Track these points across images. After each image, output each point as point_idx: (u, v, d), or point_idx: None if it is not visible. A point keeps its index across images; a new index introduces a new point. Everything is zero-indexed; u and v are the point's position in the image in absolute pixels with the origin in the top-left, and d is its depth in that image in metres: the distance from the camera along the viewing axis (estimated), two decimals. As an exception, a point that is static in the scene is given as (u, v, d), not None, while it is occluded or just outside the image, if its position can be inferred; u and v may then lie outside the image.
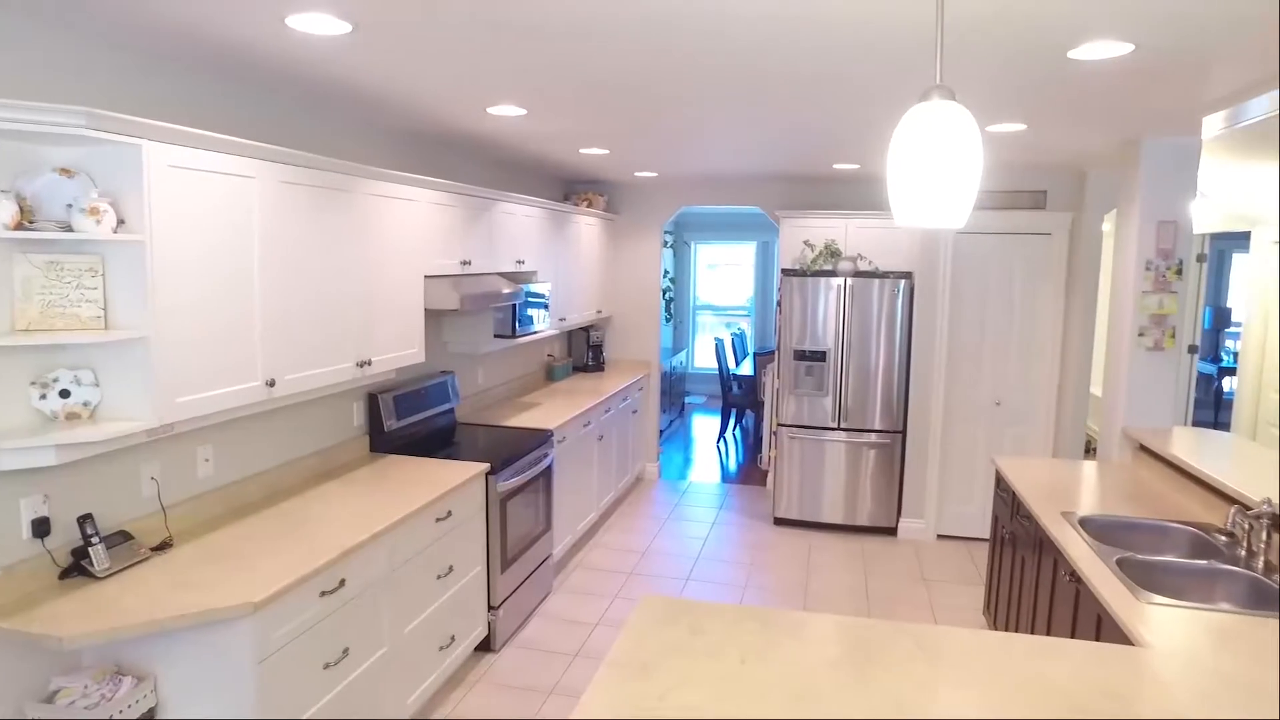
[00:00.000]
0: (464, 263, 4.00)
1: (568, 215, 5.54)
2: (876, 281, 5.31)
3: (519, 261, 4.69)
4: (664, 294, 8.70)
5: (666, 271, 9.82)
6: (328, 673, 2.53)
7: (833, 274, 5.39)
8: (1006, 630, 3.56)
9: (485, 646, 3.79)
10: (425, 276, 3.67)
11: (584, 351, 6.45)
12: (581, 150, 4.66)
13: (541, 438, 4.23)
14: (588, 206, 6.16)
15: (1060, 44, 2.31)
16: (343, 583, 2.58)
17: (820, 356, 5.45)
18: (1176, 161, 3.83)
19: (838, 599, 4.51)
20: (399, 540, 2.93)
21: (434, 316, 4.36)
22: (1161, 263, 3.89)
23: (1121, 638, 2.15)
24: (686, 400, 10.51)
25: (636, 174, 5.85)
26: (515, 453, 3.89)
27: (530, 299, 4.63)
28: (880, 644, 1.96)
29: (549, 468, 4.32)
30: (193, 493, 2.78)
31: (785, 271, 5.53)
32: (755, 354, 8.61)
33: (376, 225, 3.25)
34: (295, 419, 3.30)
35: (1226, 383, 8.34)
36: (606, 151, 4.70)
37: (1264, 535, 2.57)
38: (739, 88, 2.94)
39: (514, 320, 4.44)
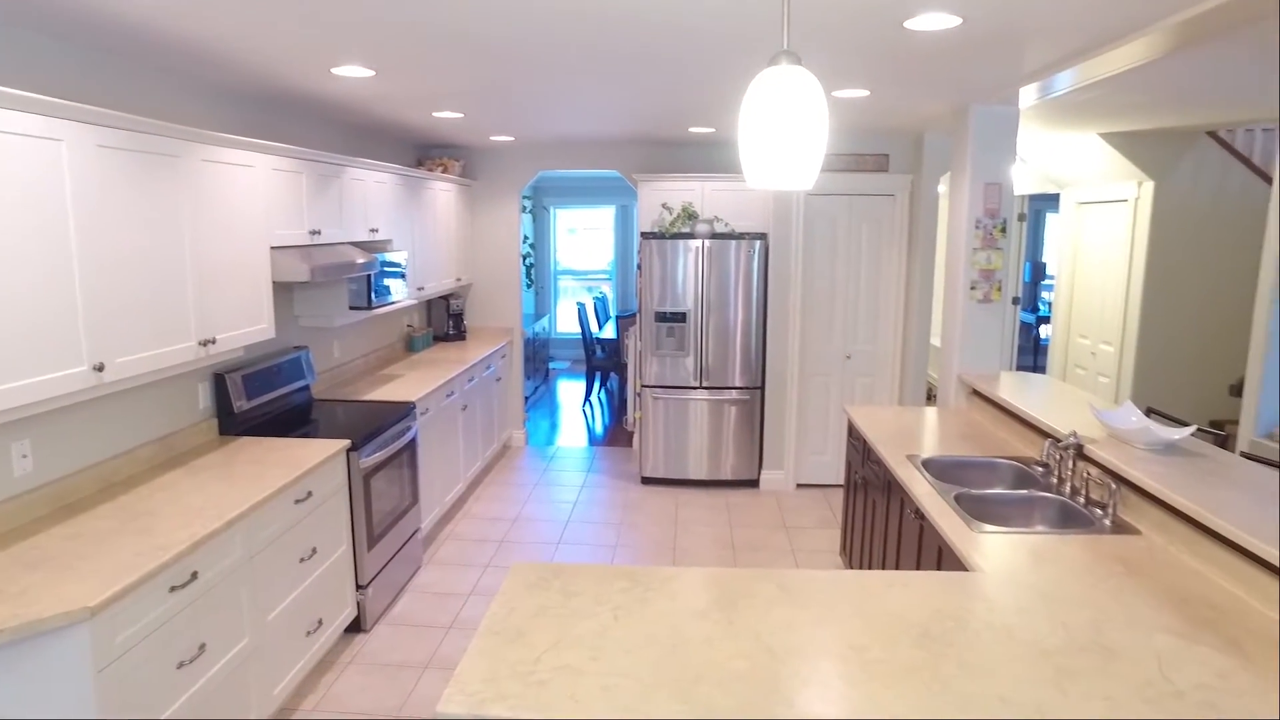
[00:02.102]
0: (313, 232, 3.80)
1: (423, 181, 5.36)
2: (733, 243, 5.47)
3: (373, 230, 4.51)
4: (524, 260, 8.60)
5: (526, 237, 9.70)
6: (182, 672, 2.40)
7: (691, 236, 5.50)
8: (861, 568, 3.82)
9: (356, 627, 3.70)
10: (271, 248, 3.46)
11: (445, 321, 6.30)
12: (435, 114, 4.50)
13: (403, 410, 4.12)
14: (443, 172, 5.98)
15: (897, 15, 2.44)
16: (195, 575, 2.44)
17: (681, 318, 5.57)
18: (1000, 128, 4.13)
19: (705, 551, 4.68)
20: (256, 526, 2.80)
21: (284, 290, 4.13)
22: (989, 221, 4.21)
23: (959, 565, 2.35)
24: (551, 366, 10.49)
25: (493, 138, 5.72)
26: (377, 427, 3.78)
27: (386, 268, 4.47)
28: (745, 591, 2.06)
29: (413, 441, 4.23)
30: (9, 493, 2.53)
31: (644, 235, 5.59)
32: (618, 317, 8.69)
33: (214, 194, 3.02)
34: (131, 405, 3.05)
35: (1043, 330, 9.19)
36: (461, 115, 4.56)
37: (1071, 464, 2.88)
38: (594, 51, 2.92)
39: (369, 291, 4.27)
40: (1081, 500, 2.78)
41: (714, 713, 1.55)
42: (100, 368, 2.45)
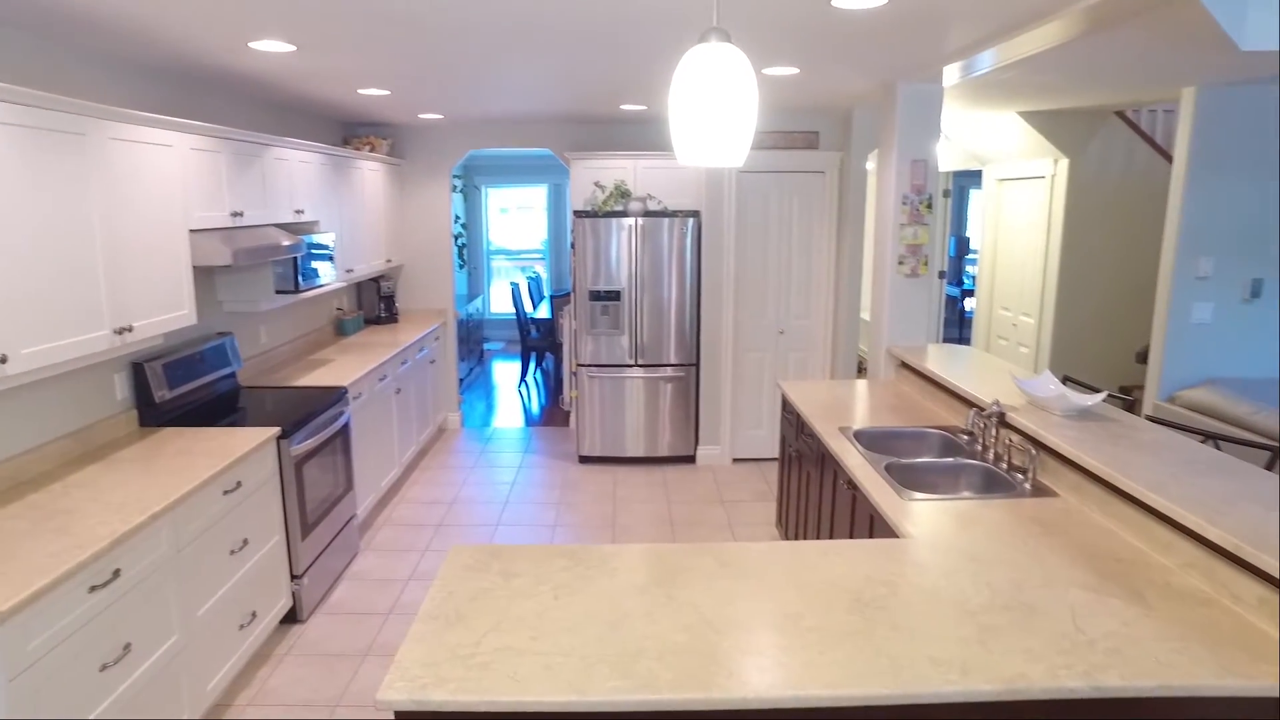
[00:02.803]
0: (235, 214, 3.67)
1: (349, 161, 5.21)
2: (666, 220, 5.48)
3: (298, 211, 4.37)
4: (456, 240, 8.47)
5: (458, 217, 9.54)
6: (106, 674, 2.31)
7: (624, 214, 5.49)
8: (797, 539, 3.91)
9: (292, 617, 3.63)
10: (191, 231, 3.32)
11: (375, 303, 6.17)
12: (360, 91, 4.37)
13: (335, 395, 4.03)
14: (371, 151, 5.82)
15: (821, -7, 2.46)
16: (117, 573, 2.36)
17: (615, 296, 5.57)
18: (925, 106, 4.23)
19: (644, 528, 4.72)
20: (182, 519, 2.71)
21: (205, 274, 3.98)
22: (915, 197, 4.31)
23: (890, 533, 2.43)
24: (485, 347, 10.38)
25: (421, 116, 5.59)
26: (308, 413, 3.69)
27: (313, 251, 4.34)
28: (684, 565, 2.10)
29: (346, 426, 4.14)
30: (-86, 490, 2.40)
31: (577, 213, 5.56)
32: (552, 296, 8.65)
33: (126, 174, 2.88)
34: (41, 398, 2.91)
35: (968, 303, 9.48)
36: (387, 92, 4.44)
37: (994, 432, 2.99)
38: (524, 27, 2.88)
39: (296, 274, 4.15)
40: (1004, 466, 2.90)
41: (656, 686, 1.58)
42: (3, 359, 2.33)
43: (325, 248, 4.53)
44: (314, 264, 4.37)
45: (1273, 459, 2.89)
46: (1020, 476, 2.78)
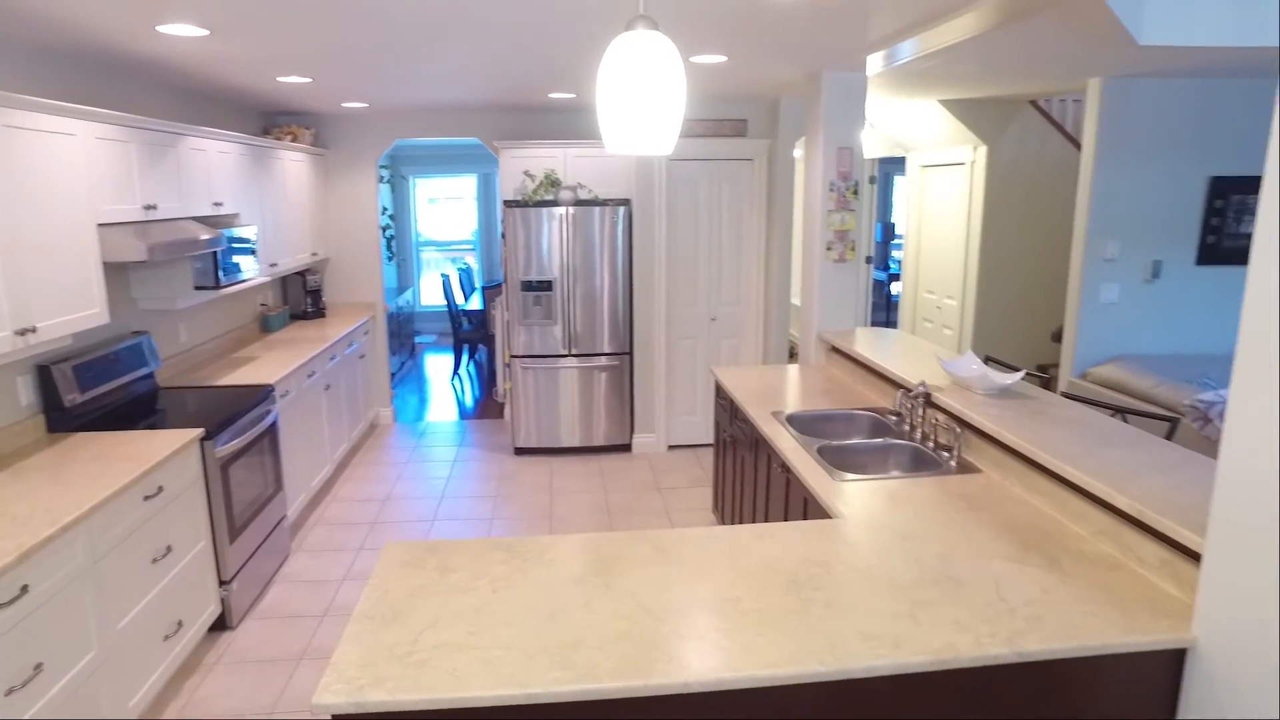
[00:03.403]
0: (148, 207, 3.51)
1: (270, 151, 5.04)
2: (597, 209, 5.47)
3: (217, 204, 4.21)
4: (384, 231, 8.29)
5: (385, 208, 9.32)
6: (13, 698, 2.19)
7: (554, 204, 5.45)
8: (733, 523, 3.97)
9: (221, 624, 3.52)
10: (99, 225, 3.17)
11: (302, 298, 6.00)
12: (280, 79, 4.23)
13: (262, 394, 3.91)
14: (293, 141, 5.64)
15: (746, -18, 2.48)
16: (25, 589, 2.24)
17: (547, 286, 5.54)
18: (850, 94, 4.30)
19: (581, 518, 4.73)
20: (99, 528, 2.60)
21: (118, 271, 3.80)
22: (842, 184, 4.40)
23: (823, 513, 2.49)
24: (416, 340, 10.20)
25: (344, 105, 5.44)
26: (233, 413, 3.57)
27: (234, 245, 4.19)
28: (622, 554, 2.11)
29: (273, 425, 4.02)
30: None
31: (507, 203, 5.50)
32: (484, 288, 8.54)
33: (23, 166, 2.73)
34: (-62, 403, 2.75)
35: (894, 287, 9.73)
36: (309, 80, 4.31)
37: (921, 412, 3.09)
38: (447, 13, 2.83)
39: (217, 269, 4.01)
40: (931, 445, 3.00)
41: (596, 675, 1.58)
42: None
43: (247, 241, 4.38)
44: (235, 258, 4.22)
45: (1172, 429, 3.05)
46: (946, 454, 2.88)
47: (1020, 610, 1.82)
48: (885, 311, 10.03)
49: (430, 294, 10.70)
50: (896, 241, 10.38)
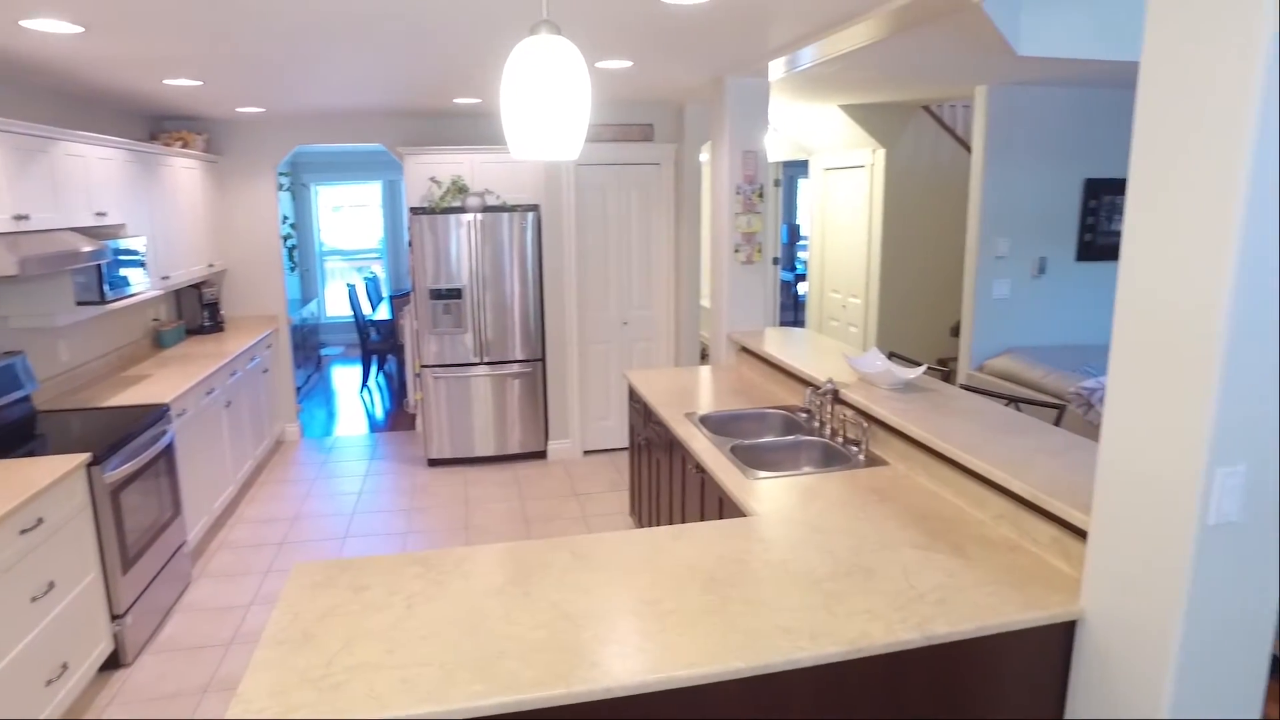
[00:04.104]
0: (19, 217, 3.28)
1: (159, 158, 4.79)
2: (505, 215, 5.42)
3: (100, 214, 3.97)
4: (285, 241, 8.00)
5: (286, 217, 9.00)
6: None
7: (462, 210, 5.38)
8: (651, 525, 3.99)
9: (114, 662, 3.31)
10: (-39, 238, 2.95)
11: (198, 311, 5.72)
12: (167, 81, 4.03)
13: (156, 414, 3.71)
14: (183, 147, 5.38)
15: (648, -11, 2.51)
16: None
17: (457, 294, 5.46)
18: (754, 99, 4.40)
19: (499, 527, 4.67)
20: (-27, 562, 2.41)
21: (-17, 286, 3.55)
22: (747, 187, 4.49)
23: (738, 512, 2.53)
24: (323, 353, 9.89)
25: (240, 110, 5.23)
26: (124, 436, 3.37)
27: (121, 257, 3.97)
28: (540, 562, 2.09)
29: (169, 446, 3.83)
30: None
31: (414, 210, 5.39)
32: (391, 297, 8.35)
33: (-127, 176, 2.51)
34: None
35: (801, 287, 9.98)
36: (199, 83, 4.12)
37: (829, 408, 3.18)
38: (340, 15, 2.75)
39: (101, 283, 3.78)
40: (840, 440, 3.09)
41: (518, 686, 1.57)
42: None
43: (136, 253, 4.15)
44: (123, 271, 4.00)
45: (1060, 415, 3.24)
46: (855, 449, 2.97)
47: (928, 595, 1.89)
48: (793, 311, 10.28)
49: (336, 304, 10.38)
50: (802, 243, 10.65)
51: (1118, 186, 5.25)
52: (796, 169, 9.70)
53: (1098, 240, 5.32)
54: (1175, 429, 1.60)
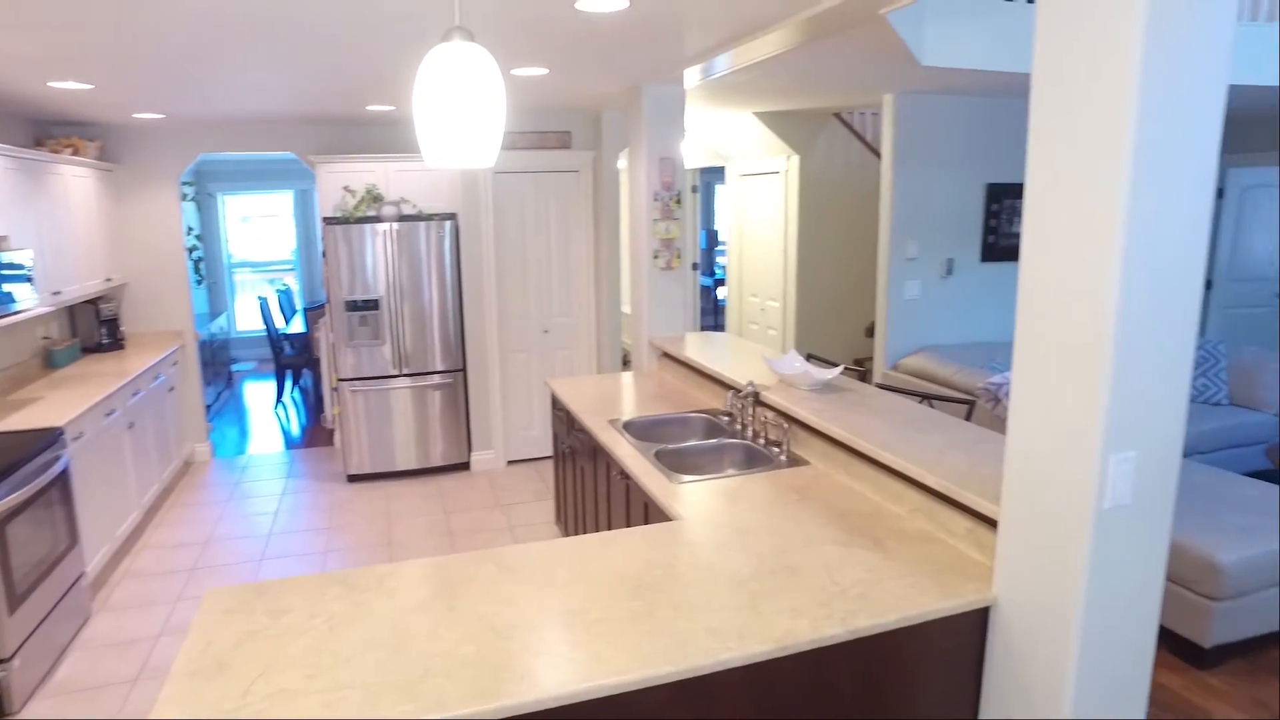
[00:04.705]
0: (-113, 232, 3.06)
1: (46, 165, 4.52)
2: (422, 224, 5.32)
3: (-24, 226, 3.73)
4: (191, 253, 7.67)
5: (191, 228, 8.63)
6: None
7: (378, 219, 5.26)
8: (577, 534, 3.97)
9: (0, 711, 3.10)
10: None
11: (95, 329, 5.43)
12: (52, 83, 3.81)
13: (48, 438, 3.50)
14: (73, 154, 5.09)
15: (562, -4, 2.51)
16: None
17: (374, 305, 5.33)
18: (670, 106, 4.44)
19: (422, 542, 4.58)
20: None
21: None
22: (665, 194, 4.53)
23: (664, 516, 2.54)
24: (234, 369, 9.52)
25: (137, 115, 4.98)
26: (10, 463, 3.17)
27: (4, 271, 3.73)
28: (465, 575, 2.06)
29: (64, 472, 3.61)
30: None
31: (327, 220, 5.25)
32: (306, 309, 8.11)
33: None
34: None
35: (721, 292, 10.12)
36: (89, 87, 3.91)
37: (751, 410, 3.23)
38: (243, 16, 2.66)
39: (-19, 301, 3.55)
40: (762, 441, 3.14)
41: (446, 704, 1.54)
42: None
43: (21, 267, 3.91)
44: (6, 287, 3.76)
45: (970, 410, 3.37)
46: (777, 449, 3.03)
47: (850, 590, 1.94)
48: (713, 316, 10.42)
49: (247, 318, 10.00)
50: (720, 248, 10.81)
51: (1017, 191, 5.51)
52: (714, 175, 9.84)
53: (1000, 242, 5.56)
54: (1073, 419, 1.69)
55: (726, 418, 3.46)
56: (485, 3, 2.55)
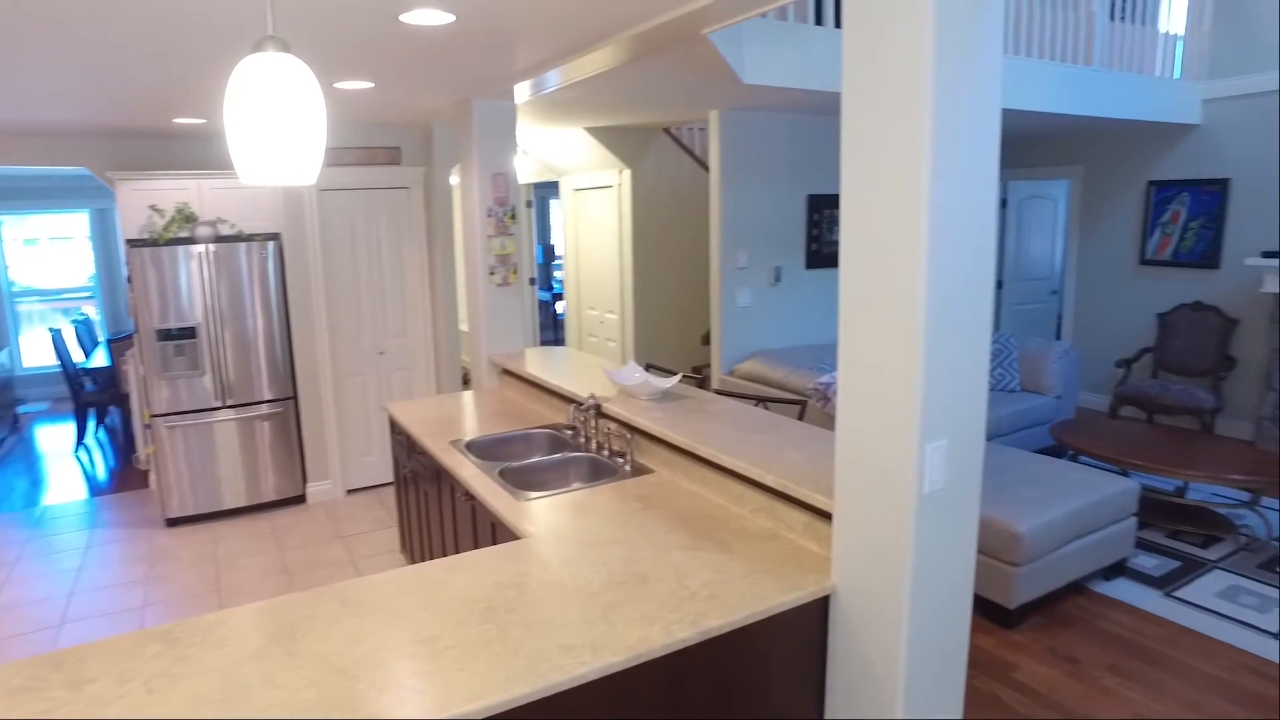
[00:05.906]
0: None
1: None
2: (243, 245, 4.99)
3: None
4: (-41, 282, 6.81)
5: (-43, 253, 7.65)
6: None
7: (192, 241, 4.88)
8: (423, 560, 3.84)
9: None
10: None
11: None
12: None
13: None
14: None
15: (392, 8, 2.44)
16: None
17: (190, 333, 4.93)
18: (501, 121, 4.41)
19: (256, 585, 4.27)
20: None
21: None
22: (499, 209, 4.49)
23: (512, 535, 2.51)
24: (20, 410, 8.50)
25: (-122, 126, 4.36)
26: None
27: None
28: (303, 615, 1.94)
29: None
30: None
31: (131, 242, 4.80)
32: (110, 340, 7.38)
33: None
34: None
35: (559, 306, 10.15)
36: None
37: (594, 423, 3.25)
38: (24, 13, 2.40)
39: None
40: (606, 453, 3.16)
41: (285, 754, 1.44)
42: None
43: None
44: None
45: (802, 410, 3.56)
46: (621, 460, 3.06)
47: (700, 593, 1.99)
48: (553, 330, 10.42)
49: (36, 353, 8.97)
50: (558, 262, 10.84)
51: (835, 201, 5.89)
52: (548, 190, 9.87)
53: (822, 250, 5.92)
54: (893, 413, 1.83)
55: (570, 431, 3.47)
56: (301, 12, 2.44)
